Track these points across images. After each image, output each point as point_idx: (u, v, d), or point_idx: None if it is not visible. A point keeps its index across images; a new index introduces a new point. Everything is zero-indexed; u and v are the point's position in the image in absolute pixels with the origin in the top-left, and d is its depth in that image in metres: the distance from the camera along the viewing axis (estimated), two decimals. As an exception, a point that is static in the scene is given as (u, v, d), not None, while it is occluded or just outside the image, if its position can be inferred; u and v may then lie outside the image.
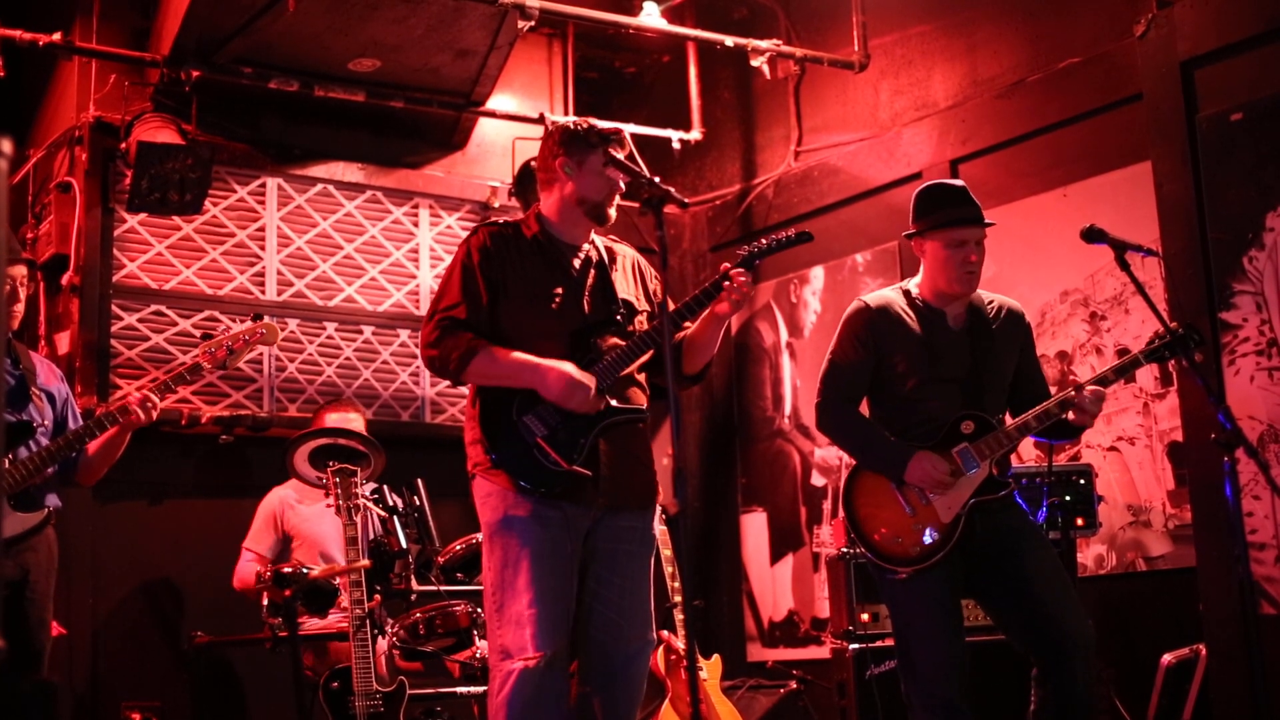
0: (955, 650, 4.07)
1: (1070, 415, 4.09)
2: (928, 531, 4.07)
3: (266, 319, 4.92)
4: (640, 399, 4.05)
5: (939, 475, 4.05)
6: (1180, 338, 4.07)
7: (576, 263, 4.06)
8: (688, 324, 4.04)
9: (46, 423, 4.58)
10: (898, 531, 4.10)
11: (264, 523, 5.87)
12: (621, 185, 4.04)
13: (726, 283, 3.86)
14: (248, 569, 5.73)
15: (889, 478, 4.15)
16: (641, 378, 4.08)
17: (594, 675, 3.94)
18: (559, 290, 3.99)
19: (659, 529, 4.24)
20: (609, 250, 4.15)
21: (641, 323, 4.07)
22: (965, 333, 4.23)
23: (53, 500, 4.61)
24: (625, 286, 4.10)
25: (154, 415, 4.61)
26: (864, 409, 4.36)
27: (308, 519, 5.80)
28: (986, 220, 4.25)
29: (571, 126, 4.05)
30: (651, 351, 4.01)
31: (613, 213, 4.05)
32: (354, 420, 5.88)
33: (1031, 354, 4.36)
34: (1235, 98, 5.49)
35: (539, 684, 3.75)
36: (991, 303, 4.32)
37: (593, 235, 4.13)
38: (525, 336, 3.92)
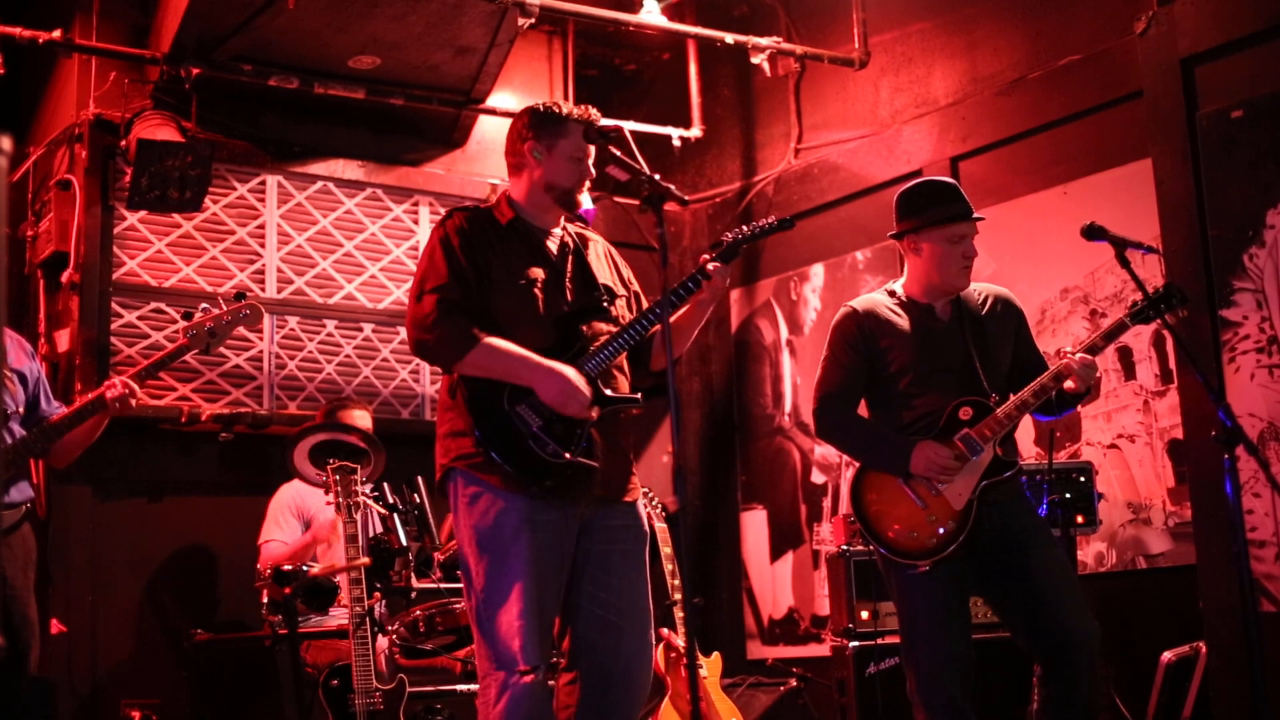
0: (959, 648, 4.07)
1: (1068, 383, 4.10)
2: (942, 521, 4.07)
3: (249, 297, 4.84)
4: (626, 388, 3.95)
5: (943, 461, 4.05)
6: (1162, 296, 4.10)
7: (552, 247, 3.95)
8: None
9: (20, 408, 4.44)
10: (912, 526, 4.10)
11: (284, 511, 5.83)
12: (591, 170, 3.95)
13: (705, 280, 3.84)
14: (276, 549, 5.69)
15: (895, 473, 4.14)
16: (626, 367, 3.99)
17: (596, 678, 3.82)
18: (540, 275, 3.88)
19: (659, 526, 4.22)
20: (580, 235, 4.05)
21: (622, 308, 3.99)
22: (955, 323, 4.24)
23: (25, 491, 4.51)
24: (602, 271, 4.02)
25: (133, 404, 4.51)
26: (864, 412, 4.36)
27: (327, 511, 5.76)
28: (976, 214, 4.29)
29: (540, 108, 3.94)
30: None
31: (583, 200, 3.96)
32: (360, 418, 5.87)
33: (1027, 337, 4.37)
34: (1236, 95, 5.49)
35: (534, 698, 3.67)
36: (978, 292, 4.34)
37: (562, 221, 4.03)
38: (511, 323, 3.80)
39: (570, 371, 3.75)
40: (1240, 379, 5.40)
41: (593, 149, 3.92)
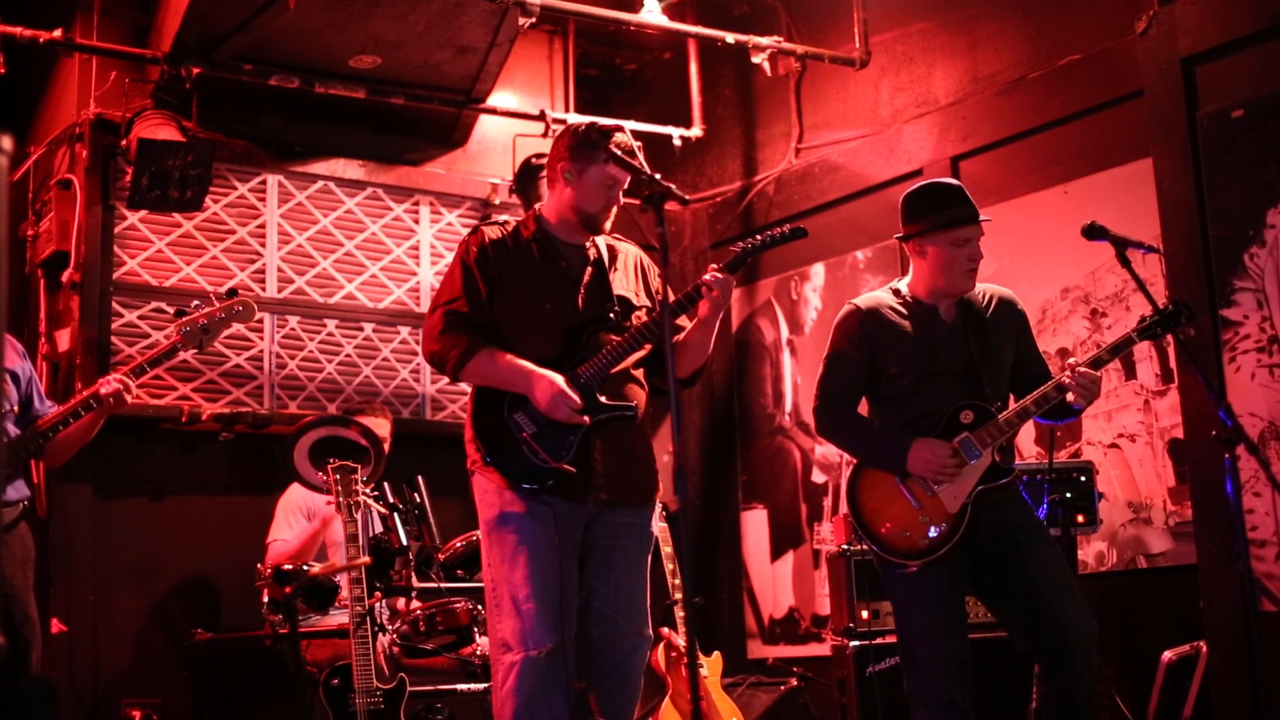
0: (957, 647, 4.07)
1: (1069, 396, 4.08)
2: (935, 523, 4.07)
3: (248, 296, 4.84)
4: (637, 395, 4.04)
5: (941, 460, 4.05)
6: (1171, 314, 4.09)
7: (574, 261, 4.07)
8: (683, 322, 4.04)
9: (15, 408, 4.46)
10: (905, 525, 4.10)
11: (292, 511, 5.82)
12: (619, 199, 4.05)
13: (704, 289, 3.89)
14: (280, 548, 5.68)
15: (892, 471, 4.14)
16: (639, 374, 4.08)
17: (591, 671, 3.97)
18: (554, 288, 4.01)
19: (659, 525, 4.24)
20: (610, 248, 4.15)
21: (640, 319, 4.05)
22: (959, 325, 4.23)
23: (21, 490, 4.51)
24: (624, 284, 4.10)
25: (128, 401, 4.52)
26: (864, 410, 4.35)
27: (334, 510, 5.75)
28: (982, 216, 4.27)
29: (581, 131, 4.03)
30: (648, 348, 4.01)
31: (607, 225, 4.08)
32: (379, 425, 5.84)
33: (1029, 339, 4.36)
34: (1236, 94, 5.49)
35: (542, 673, 3.78)
36: (982, 293, 4.32)
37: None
38: (519, 334, 3.95)
39: (559, 379, 3.88)
40: (1241, 378, 5.39)
41: (626, 177, 3.97)
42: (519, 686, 3.79)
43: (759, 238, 4.04)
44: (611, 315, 4.01)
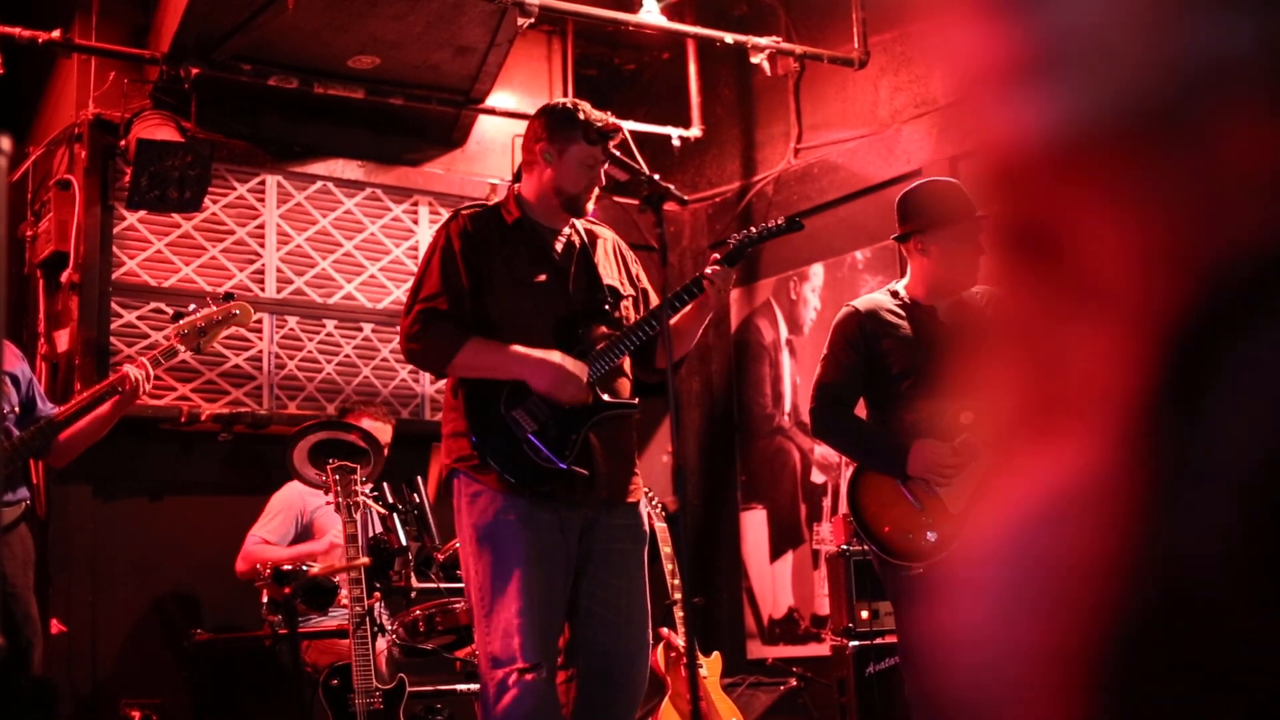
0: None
1: None
2: (938, 524, 4.06)
3: (248, 297, 4.87)
4: (628, 391, 3.96)
5: (942, 461, 4.04)
6: None
7: (559, 247, 3.93)
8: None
9: (15, 409, 4.46)
10: (908, 528, 4.09)
11: (281, 509, 5.82)
12: (602, 178, 3.91)
13: (706, 283, 3.83)
14: (258, 550, 5.67)
15: (892, 474, 4.13)
16: (628, 368, 3.99)
17: (593, 676, 3.84)
18: (542, 277, 3.86)
19: (659, 526, 4.22)
20: (589, 233, 4.01)
21: (628, 309, 3.97)
22: (958, 326, 4.23)
23: (21, 491, 4.52)
24: (609, 272, 3.99)
25: (146, 388, 4.52)
26: (862, 413, 4.35)
27: (329, 514, 5.75)
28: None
29: (558, 109, 3.91)
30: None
31: (590, 206, 3.94)
32: (384, 431, 5.83)
33: None
34: (1235, 95, 5.49)
35: (538, 695, 3.66)
36: (979, 293, 4.32)
37: (572, 219, 4.01)
38: (510, 326, 3.80)
39: (558, 357, 3.74)
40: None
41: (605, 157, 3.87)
42: (515, 708, 3.64)
43: (753, 230, 4.00)
44: (605, 307, 3.90)
